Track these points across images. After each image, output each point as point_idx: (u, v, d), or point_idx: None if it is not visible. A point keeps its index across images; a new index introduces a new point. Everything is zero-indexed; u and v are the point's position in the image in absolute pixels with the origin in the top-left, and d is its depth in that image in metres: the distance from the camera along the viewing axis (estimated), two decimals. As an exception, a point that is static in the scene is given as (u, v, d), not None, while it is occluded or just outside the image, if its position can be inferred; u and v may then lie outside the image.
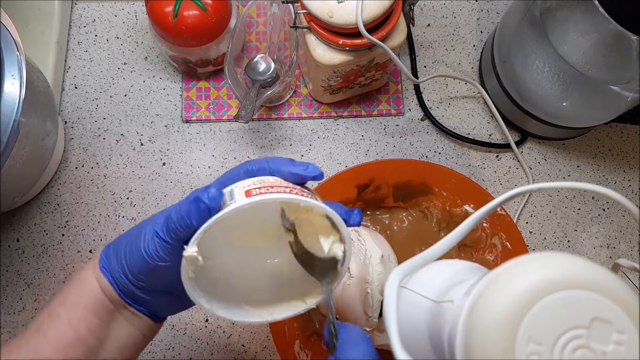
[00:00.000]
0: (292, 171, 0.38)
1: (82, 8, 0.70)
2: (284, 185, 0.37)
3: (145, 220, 0.37)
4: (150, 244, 0.35)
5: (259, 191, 0.35)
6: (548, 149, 0.69)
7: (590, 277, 0.27)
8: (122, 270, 0.37)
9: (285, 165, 0.38)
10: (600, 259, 0.66)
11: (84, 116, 0.67)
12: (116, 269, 0.37)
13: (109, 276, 0.37)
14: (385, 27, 0.55)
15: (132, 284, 0.37)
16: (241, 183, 0.37)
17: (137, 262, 0.36)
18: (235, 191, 0.35)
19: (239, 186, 0.36)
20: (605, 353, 0.26)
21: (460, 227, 0.35)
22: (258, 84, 0.62)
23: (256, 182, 0.36)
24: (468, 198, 0.59)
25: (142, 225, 0.37)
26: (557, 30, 0.55)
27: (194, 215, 0.33)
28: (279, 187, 0.36)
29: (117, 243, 0.38)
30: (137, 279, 0.37)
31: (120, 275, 0.37)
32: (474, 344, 0.27)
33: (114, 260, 0.37)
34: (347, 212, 0.39)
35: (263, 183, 0.36)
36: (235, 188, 0.36)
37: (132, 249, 0.36)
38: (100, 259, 0.38)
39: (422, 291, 0.35)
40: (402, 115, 0.69)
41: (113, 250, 0.38)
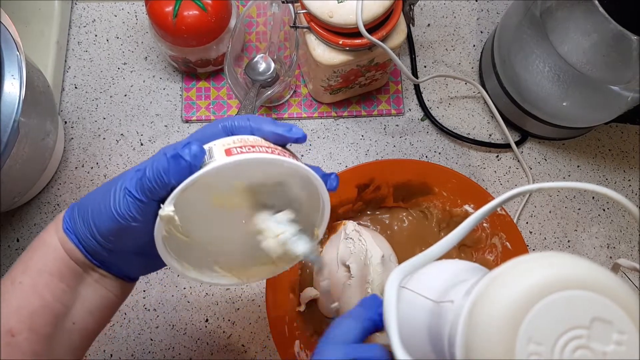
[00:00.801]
0: (274, 131, 0.36)
1: (82, 8, 0.70)
2: (265, 145, 0.35)
3: (111, 180, 0.35)
4: (122, 203, 0.33)
5: (240, 150, 0.33)
6: (548, 149, 0.69)
7: (590, 277, 0.27)
8: (89, 232, 0.35)
9: (267, 124, 0.37)
10: (600, 259, 0.66)
11: (84, 116, 0.67)
12: (82, 230, 0.35)
13: (74, 238, 0.35)
14: (385, 27, 0.55)
15: (100, 245, 0.35)
16: (220, 141, 0.35)
17: (106, 223, 0.34)
18: (214, 149, 0.34)
19: (218, 144, 0.34)
20: (606, 353, 0.26)
21: (460, 227, 0.35)
22: (258, 84, 0.62)
23: (236, 140, 0.35)
24: (468, 198, 0.59)
25: (110, 184, 0.34)
26: (557, 30, 0.55)
27: (172, 173, 0.32)
28: (261, 146, 0.34)
29: (83, 203, 0.36)
30: (107, 240, 0.35)
31: (87, 236, 0.35)
32: (474, 344, 0.27)
33: (79, 222, 0.35)
34: (324, 175, 0.37)
35: (244, 142, 0.34)
36: (214, 146, 0.34)
37: (101, 208, 0.34)
38: (63, 220, 0.36)
39: (422, 291, 0.35)
40: (402, 115, 0.69)
41: (78, 211, 0.36)
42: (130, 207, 0.33)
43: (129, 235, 0.34)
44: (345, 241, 0.55)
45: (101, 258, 0.36)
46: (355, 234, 0.54)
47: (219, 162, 0.32)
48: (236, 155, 0.32)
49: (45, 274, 0.35)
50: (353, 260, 0.53)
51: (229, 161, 0.32)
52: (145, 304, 0.62)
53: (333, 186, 0.37)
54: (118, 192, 0.33)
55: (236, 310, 0.62)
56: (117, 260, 0.37)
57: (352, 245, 0.54)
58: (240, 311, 0.62)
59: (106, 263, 0.37)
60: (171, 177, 0.32)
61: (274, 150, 0.35)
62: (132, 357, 0.60)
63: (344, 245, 0.54)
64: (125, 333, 0.61)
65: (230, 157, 0.32)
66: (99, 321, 0.39)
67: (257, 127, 0.36)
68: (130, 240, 0.35)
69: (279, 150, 0.35)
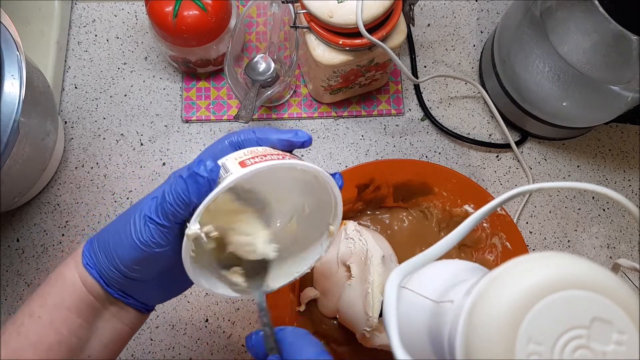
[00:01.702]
0: (280, 138, 0.37)
1: (82, 8, 0.70)
2: (276, 153, 0.36)
3: (127, 210, 0.36)
4: (144, 231, 0.34)
5: (253, 161, 0.34)
6: (548, 149, 0.69)
7: (590, 277, 0.27)
8: (112, 264, 0.35)
9: (272, 133, 0.37)
10: (600, 259, 0.66)
11: (84, 116, 0.67)
12: (104, 263, 0.36)
13: (94, 273, 0.36)
14: (385, 27, 0.55)
15: (124, 276, 0.36)
16: (231, 155, 0.35)
17: (129, 253, 0.34)
18: (227, 164, 0.34)
19: (230, 159, 0.35)
20: (606, 353, 0.26)
21: (460, 227, 0.35)
22: (258, 84, 0.62)
23: (247, 152, 0.35)
24: (468, 198, 0.59)
25: (127, 215, 0.35)
26: (557, 30, 0.55)
27: (193, 192, 0.32)
28: (272, 155, 0.35)
29: (103, 237, 0.36)
30: (131, 270, 0.35)
31: (111, 269, 0.36)
32: (474, 344, 0.27)
33: (101, 255, 0.36)
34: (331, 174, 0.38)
35: (254, 153, 0.35)
36: (227, 161, 0.35)
37: (122, 239, 0.34)
38: (83, 255, 0.37)
39: (422, 291, 0.35)
40: (402, 115, 0.69)
41: (98, 245, 0.36)
42: (152, 234, 0.34)
43: (152, 262, 0.35)
44: (346, 241, 0.55)
45: (122, 288, 0.37)
46: (356, 234, 0.54)
47: (236, 174, 0.33)
48: (251, 166, 0.33)
49: (63, 309, 0.36)
50: (353, 260, 0.53)
51: (247, 171, 0.32)
52: (145, 304, 0.62)
53: (339, 184, 0.38)
54: (138, 220, 0.34)
55: (236, 310, 0.62)
56: (138, 289, 0.38)
57: (353, 245, 0.54)
58: (240, 311, 0.62)
59: (127, 293, 0.38)
60: (192, 196, 0.32)
61: (284, 156, 0.35)
62: (132, 357, 0.60)
63: (345, 245, 0.54)
64: (125, 333, 0.61)
65: (245, 168, 0.33)
66: (113, 352, 0.39)
67: (263, 137, 0.37)
68: (155, 267, 0.36)
69: (288, 155, 0.36)
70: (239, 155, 0.35)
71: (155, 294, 0.40)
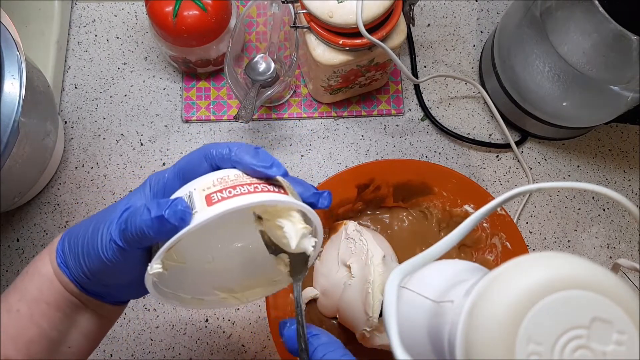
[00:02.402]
0: (252, 166, 0.34)
1: (82, 8, 0.70)
2: (247, 182, 0.33)
3: (100, 215, 0.35)
4: (108, 249, 0.33)
5: (220, 196, 0.32)
6: (548, 149, 0.69)
7: (590, 277, 0.27)
8: (81, 270, 0.35)
9: (249, 156, 0.34)
10: (600, 259, 0.66)
11: (84, 116, 0.67)
12: (75, 268, 0.35)
13: (67, 273, 0.36)
14: (385, 27, 0.55)
15: (93, 282, 0.36)
16: (200, 184, 0.33)
17: (95, 264, 0.34)
18: (194, 196, 0.33)
19: (198, 189, 0.33)
20: (606, 353, 0.26)
21: (460, 227, 0.35)
22: (258, 84, 0.62)
23: (216, 182, 0.33)
24: (468, 198, 0.59)
25: (97, 223, 0.34)
26: (557, 30, 0.55)
27: (156, 233, 0.31)
28: (242, 185, 0.33)
29: (73, 239, 0.36)
30: (98, 279, 0.35)
31: (80, 274, 0.35)
32: (474, 344, 0.27)
33: (71, 259, 0.36)
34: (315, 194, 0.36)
35: (224, 183, 0.33)
36: (194, 191, 0.33)
37: (90, 250, 0.34)
38: (56, 253, 0.36)
39: (422, 291, 0.35)
40: (402, 115, 0.69)
41: (69, 247, 0.36)
42: (116, 253, 0.33)
43: (118, 273, 0.35)
44: (346, 241, 0.55)
45: (95, 290, 0.37)
46: (356, 234, 0.54)
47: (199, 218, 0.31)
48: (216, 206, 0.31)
49: (42, 303, 0.36)
50: (354, 260, 0.53)
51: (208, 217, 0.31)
52: (145, 304, 0.62)
53: (325, 205, 0.37)
54: (104, 236, 0.33)
55: (236, 310, 0.62)
56: (111, 291, 0.38)
57: (353, 245, 0.54)
58: (240, 311, 0.62)
59: (101, 294, 0.37)
60: (155, 237, 0.31)
61: (256, 188, 0.33)
62: (132, 357, 0.60)
63: (345, 245, 0.54)
64: (125, 333, 0.61)
65: (210, 207, 0.31)
66: (93, 342, 0.39)
67: (238, 159, 0.35)
68: (122, 277, 0.36)
69: (262, 185, 0.34)
70: (207, 184, 0.33)
71: (129, 294, 0.39)
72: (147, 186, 0.36)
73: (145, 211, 0.31)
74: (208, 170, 0.35)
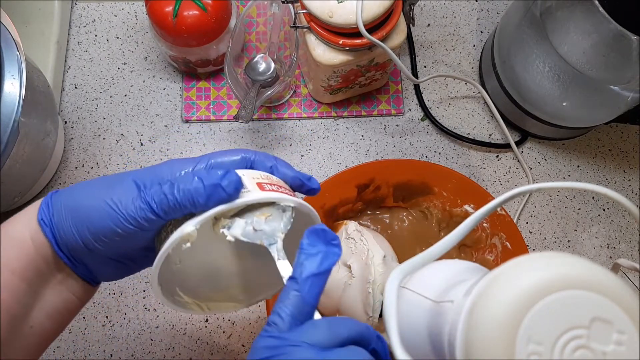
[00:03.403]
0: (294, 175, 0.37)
1: (82, 8, 0.70)
2: (288, 187, 0.36)
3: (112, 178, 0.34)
4: (136, 212, 0.32)
5: (271, 187, 0.33)
6: (548, 149, 0.69)
7: (590, 277, 0.27)
8: (76, 228, 0.33)
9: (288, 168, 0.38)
10: (600, 259, 0.66)
11: (84, 116, 0.67)
12: (66, 224, 0.33)
13: (48, 232, 0.33)
14: (385, 27, 0.55)
15: (85, 245, 0.33)
16: (248, 172, 0.35)
17: (105, 224, 0.32)
18: (245, 180, 0.33)
19: (247, 175, 0.34)
20: (606, 353, 0.26)
21: (460, 227, 0.35)
22: (258, 84, 0.62)
23: (263, 176, 0.35)
24: (468, 198, 0.59)
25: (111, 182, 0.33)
26: (557, 30, 0.55)
27: (205, 201, 0.31)
28: (284, 188, 0.35)
29: (74, 196, 0.33)
30: (97, 242, 0.33)
31: (72, 232, 0.33)
32: (474, 344, 0.27)
33: (64, 214, 0.33)
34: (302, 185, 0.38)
35: (270, 179, 0.35)
36: (243, 176, 0.34)
37: (103, 208, 0.32)
38: (40, 209, 0.34)
39: (422, 291, 0.35)
40: (402, 115, 0.69)
41: (66, 203, 0.33)
42: (141, 218, 0.32)
43: (123, 239, 0.33)
44: (347, 241, 0.55)
45: (75, 255, 0.34)
46: (357, 234, 0.54)
47: (256, 195, 0.32)
48: (271, 193, 0.33)
49: (7, 271, 0.33)
50: (354, 260, 0.53)
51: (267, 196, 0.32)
52: (145, 304, 0.62)
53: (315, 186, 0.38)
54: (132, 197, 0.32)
55: (236, 310, 0.62)
56: (92, 261, 0.35)
57: (354, 245, 0.54)
58: (240, 311, 0.62)
59: (77, 263, 0.35)
60: (205, 204, 0.31)
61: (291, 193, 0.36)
62: (132, 357, 0.60)
63: (345, 245, 0.54)
64: (125, 333, 0.61)
65: (265, 192, 0.33)
66: (58, 325, 0.37)
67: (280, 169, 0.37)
68: (122, 245, 0.34)
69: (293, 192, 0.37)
70: (256, 175, 0.34)
71: (107, 271, 0.37)
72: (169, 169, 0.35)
73: (196, 179, 0.31)
74: None
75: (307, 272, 0.30)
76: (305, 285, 0.30)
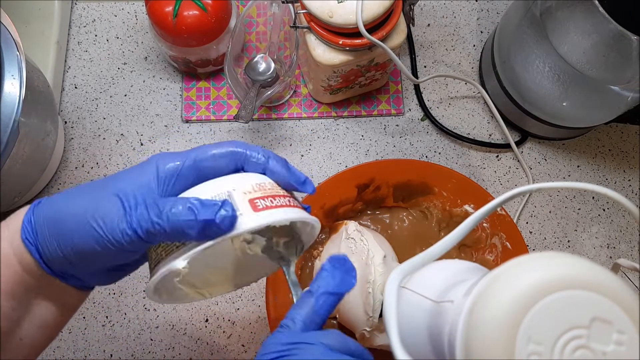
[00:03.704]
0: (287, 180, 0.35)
1: (82, 8, 0.70)
2: (282, 194, 0.34)
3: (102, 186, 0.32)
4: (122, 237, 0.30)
5: (264, 203, 0.32)
6: (548, 149, 0.69)
7: (590, 277, 0.27)
8: (59, 248, 0.31)
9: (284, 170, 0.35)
10: (600, 259, 0.66)
11: (84, 116, 0.67)
12: (49, 243, 0.31)
13: (34, 251, 0.32)
14: (385, 27, 0.55)
15: (71, 263, 0.32)
16: (239, 185, 0.33)
17: (89, 245, 0.30)
18: (234, 196, 0.32)
19: (239, 191, 0.32)
20: (606, 353, 0.26)
21: (460, 227, 0.35)
22: (258, 84, 0.62)
23: (255, 187, 0.33)
24: (468, 198, 0.59)
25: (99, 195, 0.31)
26: (557, 30, 0.55)
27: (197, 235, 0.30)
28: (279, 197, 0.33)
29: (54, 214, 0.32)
30: (82, 260, 0.32)
31: (57, 251, 0.31)
32: (474, 343, 0.27)
33: (47, 233, 0.31)
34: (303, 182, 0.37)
35: (263, 189, 0.33)
36: (234, 192, 0.32)
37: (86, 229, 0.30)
38: (22, 228, 0.32)
39: (422, 291, 0.35)
40: (402, 115, 0.69)
41: (46, 222, 0.32)
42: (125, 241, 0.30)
43: (110, 258, 0.32)
44: (347, 241, 0.55)
45: (63, 270, 0.34)
46: (357, 234, 0.54)
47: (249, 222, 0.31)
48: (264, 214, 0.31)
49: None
50: (354, 260, 0.52)
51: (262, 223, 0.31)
52: (145, 304, 0.62)
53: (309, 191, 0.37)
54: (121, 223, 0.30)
55: (236, 310, 0.62)
56: (82, 274, 0.34)
57: (354, 245, 0.54)
58: (240, 311, 0.62)
59: (66, 276, 0.34)
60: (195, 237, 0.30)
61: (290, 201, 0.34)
62: (132, 357, 0.60)
63: (345, 245, 0.54)
64: (125, 333, 0.61)
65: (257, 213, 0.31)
66: (49, 335, 0.36)
67: (272, 169, 0.35)
68: (109, 261, 0.33)
69: (290, 198, 0.35)
70: (247, 188, 0.33)
71: (99, 279, 0.36)
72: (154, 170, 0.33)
73: (187, 212, 0.30)
74: (233, 170, 0.35)
75: (323, 289, 0.34)
76: (320, 299, 0.34)
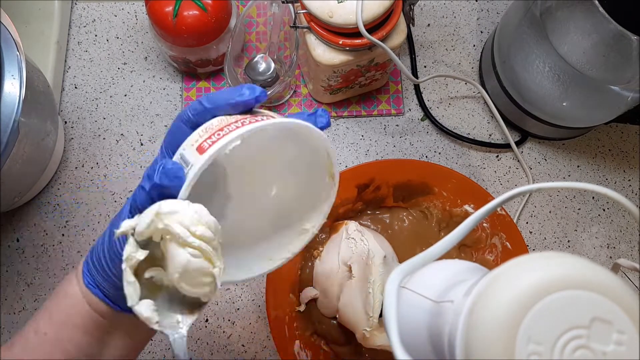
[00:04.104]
0: (230, 103, 0.33)
1: (82, 8, 0.70)
2: (232, 121, 0.32)
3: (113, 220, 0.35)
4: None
5: (210, 142, 0.31)
6: (548, 149, 0.69)
7: (590, 277, 0.27)
8: (111, 282, 0.34)
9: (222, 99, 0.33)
10: (600, 259, 0.66)
11: (84, 116, 0.67)
12: (103, 281, 0.34)
13: (99, 293, 0.35)
14: (385, 27, 0.55)
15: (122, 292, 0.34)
16: (187, 141, 0.33)
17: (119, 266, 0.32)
18: (185, 154, 0.32)
19: (187, 146, 0.32)
20: (606, 353, 0.26)
21: (461, 227, 0.35)
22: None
23: (202, 133, 0.32)
24: (468, 198, 0.59)
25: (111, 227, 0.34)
26: (557, 30, 0.55)
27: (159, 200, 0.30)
28: (228, 126, 0.32)
29: (95, 253, 0.35)
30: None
31: (112, 287, 0.34)
32: (474, 344, 0.27)
33: (98, 275, 0.34)
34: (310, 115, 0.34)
35: (209, 131, 0.32)
36: (184, 150, 0.32)
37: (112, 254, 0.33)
38: (83, 274, 0.35)
39: (422, 291, 0.35)
40: (402, 115, 0.69)
41: (94, 264, 0.35)
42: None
43: None
44: (347, 241, 0.55)
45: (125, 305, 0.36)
46: (358, 234, 0.54)
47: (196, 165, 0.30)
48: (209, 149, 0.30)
49: (69, 326, 0.35)
50: (355, 260, 0.53)
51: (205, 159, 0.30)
52: (145, 304, 0.62)
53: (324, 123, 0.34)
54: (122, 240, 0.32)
55: (236, 310, 0.62)
56: None
57: (354, 245, 0.54)
58: (240, 311, 0.62)
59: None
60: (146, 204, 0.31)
61: (243, 122, 0.32)
62: (132, 357, 0.60)
63: (346, 245, 0.54)
64: (125, 333, 0.61)
65: (203, 154, 0.30)
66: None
67: (214, 106, 0.33)
68: None
69: (248, 118, 0.32)
70: (195, 138, 0.32)
71: None
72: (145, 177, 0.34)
73: (140, 190, 0.31)
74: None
75: None
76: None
